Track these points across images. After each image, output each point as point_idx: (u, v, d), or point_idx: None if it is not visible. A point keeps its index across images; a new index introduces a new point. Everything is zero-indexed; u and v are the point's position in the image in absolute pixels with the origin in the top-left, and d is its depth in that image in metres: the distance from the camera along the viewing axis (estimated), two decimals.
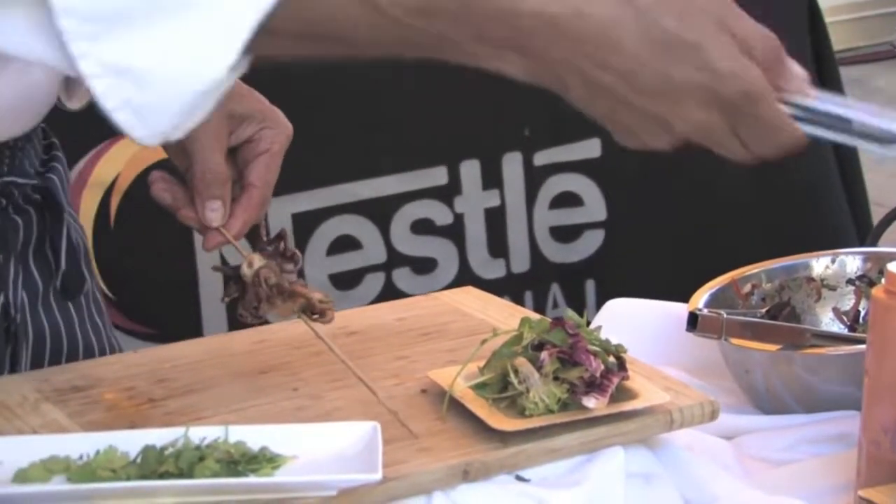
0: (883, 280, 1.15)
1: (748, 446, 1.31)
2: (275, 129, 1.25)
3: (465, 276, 2.66)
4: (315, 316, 1.19)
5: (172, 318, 2.46)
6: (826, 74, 2.95)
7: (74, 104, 1.38)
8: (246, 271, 1.19)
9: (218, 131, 1.21)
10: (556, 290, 2.78)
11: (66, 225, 1.35)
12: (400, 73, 2.62)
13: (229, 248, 1.23)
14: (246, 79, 1.26)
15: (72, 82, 1.36)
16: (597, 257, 2.79)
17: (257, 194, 1.22)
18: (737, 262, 1.54)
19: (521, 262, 2.74)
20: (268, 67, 2.47)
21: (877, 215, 2.83)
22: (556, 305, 2.78)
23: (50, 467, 1.06)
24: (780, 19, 3.07)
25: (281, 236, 1.21)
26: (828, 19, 3.02)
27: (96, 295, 1.45)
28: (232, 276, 1.21)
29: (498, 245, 2.72)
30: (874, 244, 2.58)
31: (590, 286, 2.80)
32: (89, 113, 1.33)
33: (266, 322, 1.26)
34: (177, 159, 1.24)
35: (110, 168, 2.36)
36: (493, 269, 2.71)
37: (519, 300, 2.69)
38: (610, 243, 2.80)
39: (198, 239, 2.43)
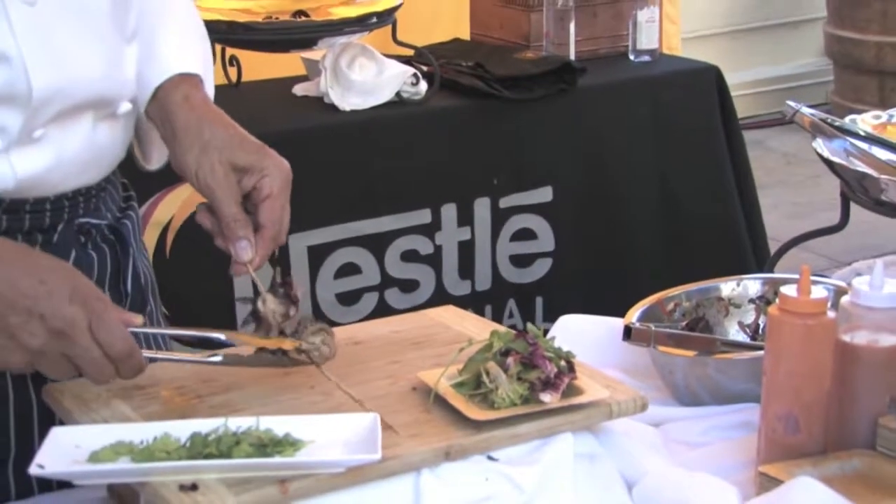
0: (777, 300, 1.16)
1: (671, 432, 1.31)
2: (272, 175, 1.23)
3: (440, 294, 2.66)
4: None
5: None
6: (732, 136, 2.97)
7: (153, 165, 1.37)
8: (261, 307, 1.20)
9: (230, 185, 1.21)
10: (511, 304, 2.79)
11: (133, 261, 1.34)
12: (394, 135, 2.63)
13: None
14: (271, 141, 1.26)
15: (146, 147, 1.36)
16: (545, 279, 2.80)
17: (268, 233, 1.22)
18: (660, 285, 1.53)
19: (483, 282, 2.74)
20: (289, 131, 2.44)
21: (773, 248, 2.84)
22: (511, 316, 2.78)
23: (117, 450, 1.06)
24: (697, 95, 3.10)
25: (288, 282, 1.22)
26: (733, 93, 3.04)
27: (159, 316, 1.44)
28: (251, 310, 1.21)
29: (466, 269, 2.72)
30: (770, 271, 2.60)
31: (539, 301, 2.81)
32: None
33: None
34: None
35: (167, 211, 2.36)
36: (461, 288, 2.71)
37: (480, 312, 2.69)
38: (556, 268, 2.80)
39: None
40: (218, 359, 1.14)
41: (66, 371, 1.09)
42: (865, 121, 2.28)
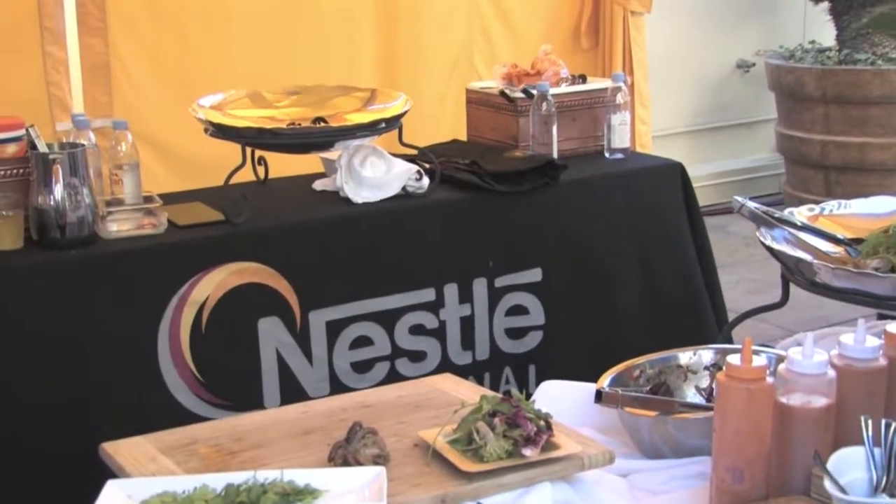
0: (724, 368, 1.18)
1: (637, 481, 1.32)
2: None
3: (445, 363, 2.67)
4: None
5: (243, 394, 2.46)
6: (694, 222, 3.01)
7: None
8: None
9: None
10: (508, 372, 2.79)
11: None
12: (400, 224, 2.67)
13: None
14: (294, 230, 1.29)
15: None
16: (537, 350, 2.80)
17: None
18: (639, 351, 1.55)
19: (483, 353, 2.75)
20: (309, 221, 2.42)
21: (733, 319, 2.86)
22: (507, 382, 2.79)
23: (163, 499, 1.08)
24: (664, 187, 3.13)
25: None
26: (699, 184, 3.06)
27: None
28: None
29: (467, 341, 2.74)
30: (728, 339, 2.62)
31: (532, 369, 2.82)
32: (189, 252, 1.29)
33: None
34: None
35: (203, 291, 2.37)
36: (463, 358, 2.72)
37: (480, 380, 2.70)
38: (546, 340, 2.81)
39: (262, 340, 2.45)
40: None
41: None
42: (801, 213, 2.29)
